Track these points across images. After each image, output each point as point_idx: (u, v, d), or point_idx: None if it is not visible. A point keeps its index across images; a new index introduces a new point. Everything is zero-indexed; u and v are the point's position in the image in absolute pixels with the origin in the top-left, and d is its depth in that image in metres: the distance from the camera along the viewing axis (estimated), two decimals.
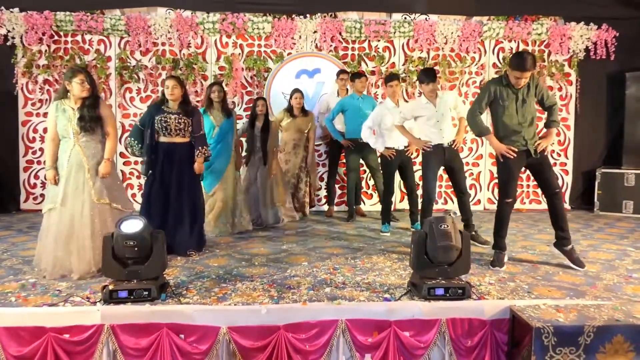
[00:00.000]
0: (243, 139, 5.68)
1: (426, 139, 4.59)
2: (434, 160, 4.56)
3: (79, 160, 3.53)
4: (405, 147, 5.11)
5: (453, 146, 4.56)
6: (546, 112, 3.90)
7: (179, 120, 4.12)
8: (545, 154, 3.84)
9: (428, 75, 4.48)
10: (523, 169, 3.99)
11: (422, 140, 4.61)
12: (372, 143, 5.19)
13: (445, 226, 2.97)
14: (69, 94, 3.55)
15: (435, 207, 4.90)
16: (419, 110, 4.61)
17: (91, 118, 3.53)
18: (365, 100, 5.71)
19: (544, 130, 3.93)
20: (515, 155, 3.76)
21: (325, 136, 6.34)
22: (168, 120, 4.10)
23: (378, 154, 5.43)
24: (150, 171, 4.13)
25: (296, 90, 5.77)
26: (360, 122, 5.35)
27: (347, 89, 6.03)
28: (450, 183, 5.18)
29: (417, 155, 5.73)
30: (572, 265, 3.81)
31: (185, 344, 2.78)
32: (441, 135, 4.52)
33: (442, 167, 4.70)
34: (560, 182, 6.66)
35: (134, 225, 3.01)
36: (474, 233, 4.57)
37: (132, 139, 4.19)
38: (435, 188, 4.75)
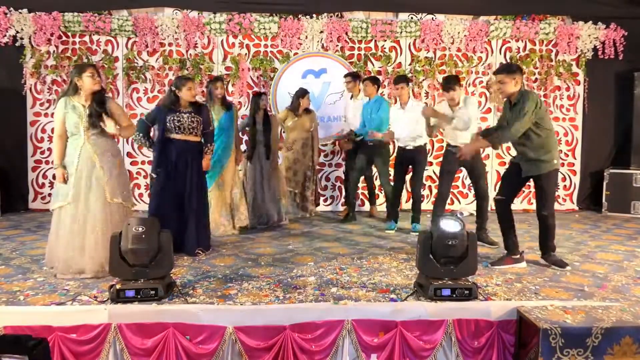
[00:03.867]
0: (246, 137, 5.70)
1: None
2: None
3: (90, 157, 3.52)
4: (414, 147, 5.09)
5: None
6: None
7: (192, 119, 4.16)
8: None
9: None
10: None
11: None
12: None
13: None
14: (79, 90, 3.54)
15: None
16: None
17: (100, 114, 3.53)
18: (373, 102, 5.53)
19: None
20: None
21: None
22: (181, 119, 4.13)
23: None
24: (159, 169, 4.14)
25: (302, 94, 5.72)
26: (369, 123, 5.36)
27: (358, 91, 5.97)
28: (456, 184, 5.19)
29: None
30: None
31: (191, 344, 2.79)
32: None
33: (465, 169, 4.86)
34: (568, 182, 6.64)
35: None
36: (484, 235, 4.57)
37: (139, 133, 4.19)
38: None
